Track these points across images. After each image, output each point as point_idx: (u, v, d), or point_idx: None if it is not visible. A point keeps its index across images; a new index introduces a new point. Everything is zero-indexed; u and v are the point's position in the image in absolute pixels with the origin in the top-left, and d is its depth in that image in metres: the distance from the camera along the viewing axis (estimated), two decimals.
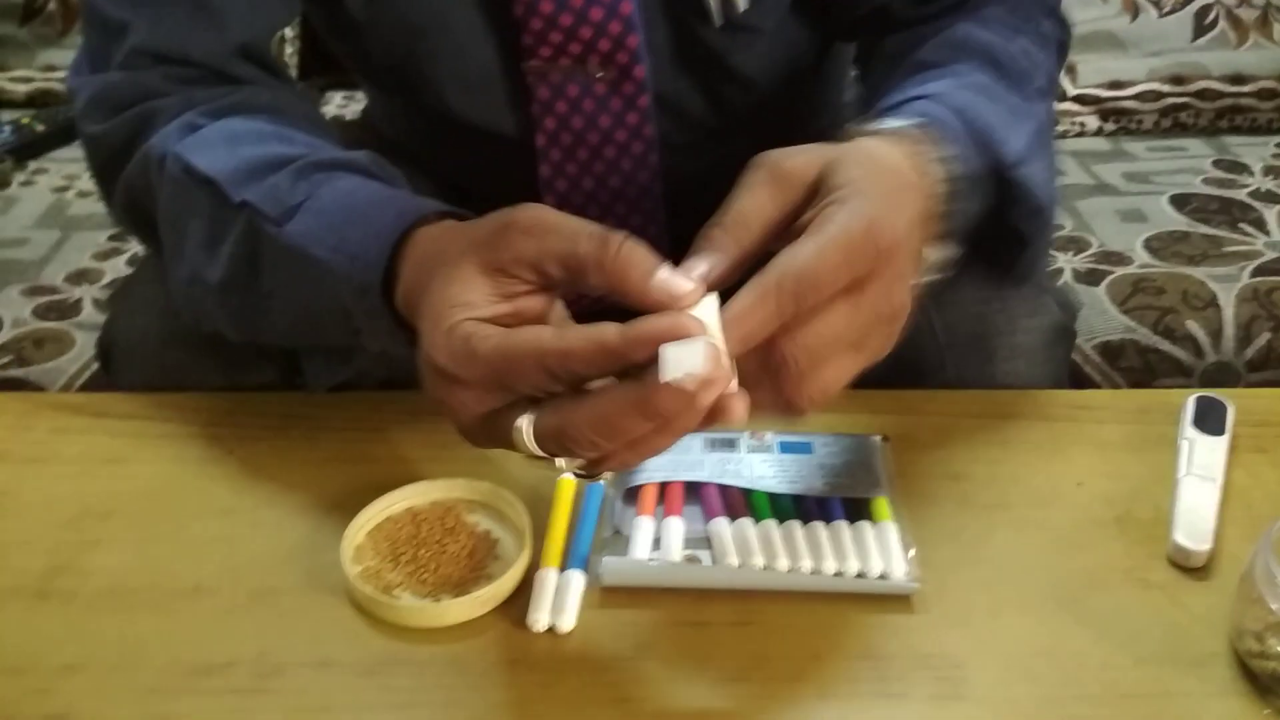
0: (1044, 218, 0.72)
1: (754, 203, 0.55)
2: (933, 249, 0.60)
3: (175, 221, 0.71)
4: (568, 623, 0.59)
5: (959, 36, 0.77)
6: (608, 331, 0.48)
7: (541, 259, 0.52)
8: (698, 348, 0.47)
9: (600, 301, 0.52)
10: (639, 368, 0.48)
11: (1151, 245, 1.33)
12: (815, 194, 0.54)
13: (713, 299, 0.50)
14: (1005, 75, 0.73)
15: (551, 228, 0.52)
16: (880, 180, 0.55)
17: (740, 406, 0.49)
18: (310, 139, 0.70)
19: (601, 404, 0.49)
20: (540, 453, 0.52)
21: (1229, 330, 1.20)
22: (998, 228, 0.70)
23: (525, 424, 0.51)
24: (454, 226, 0.59)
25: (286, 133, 0.71)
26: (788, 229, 0.54)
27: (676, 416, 0.48)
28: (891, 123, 0.64)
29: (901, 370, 0.78)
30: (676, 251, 0.94)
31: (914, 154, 0.61)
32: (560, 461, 0.53)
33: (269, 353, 0.76)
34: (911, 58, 0.76)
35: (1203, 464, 0.68)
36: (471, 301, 0.52)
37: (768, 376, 0.51)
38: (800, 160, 0.56)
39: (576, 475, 0.53)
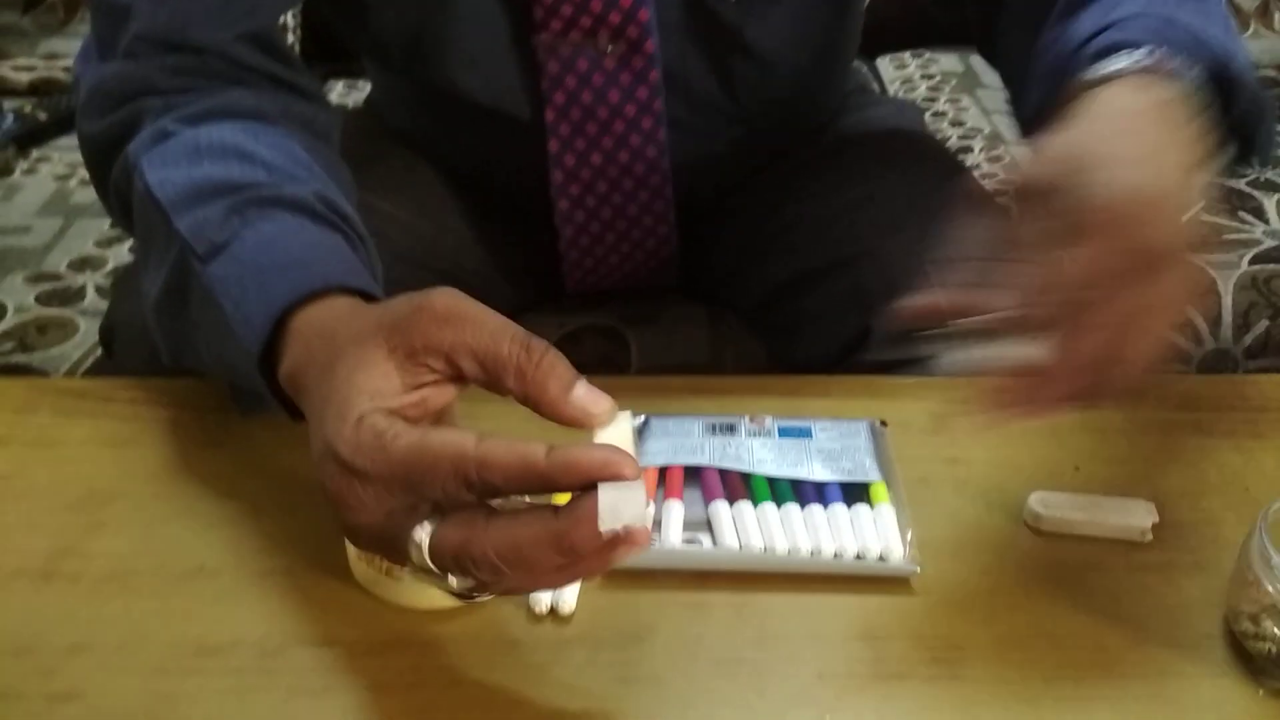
0: (1261, 101, 0.69)
1: (1033, 228, 0.55)
2: (1204, 170, 0.59)
3: (140, 235, 0.71)
4: (569, 604, 0.59)
5: None
6: (534, 451, 0.46)
7: (456, 351, 0.49)
8: (637, 495, 0.45)
9: None
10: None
11: None
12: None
13: (626, 418, 0.49)
14: None
15: (470, 319, 0.50)
16: (1139, 140, 0.56)
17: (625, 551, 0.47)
18: (275, 159, 0.68)
19: (515, 529, 0.47)
20: (431, 566, 0.48)
21: (1227, 318, 1.21)
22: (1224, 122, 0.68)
23: (424, 534, 0.48)
24: (353, 306, 0.57)
25: (250, 149, 0.68)
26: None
27: (591, 558, 0.46)
28: (1115, 64, 0.62)
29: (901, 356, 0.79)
30: (684, 236, 0.95)
31: (1149, 89, 0.60)
32: (451, 580, 0.49)
33: None
34: (1061, 5, 0.74)
35: None
36: (380, 390, 0.50)
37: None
38: (1034, 170, 0.57)
39: (457, 595, 0.51)
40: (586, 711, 0.55)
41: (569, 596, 0.59)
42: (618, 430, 0.49)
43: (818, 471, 0.66)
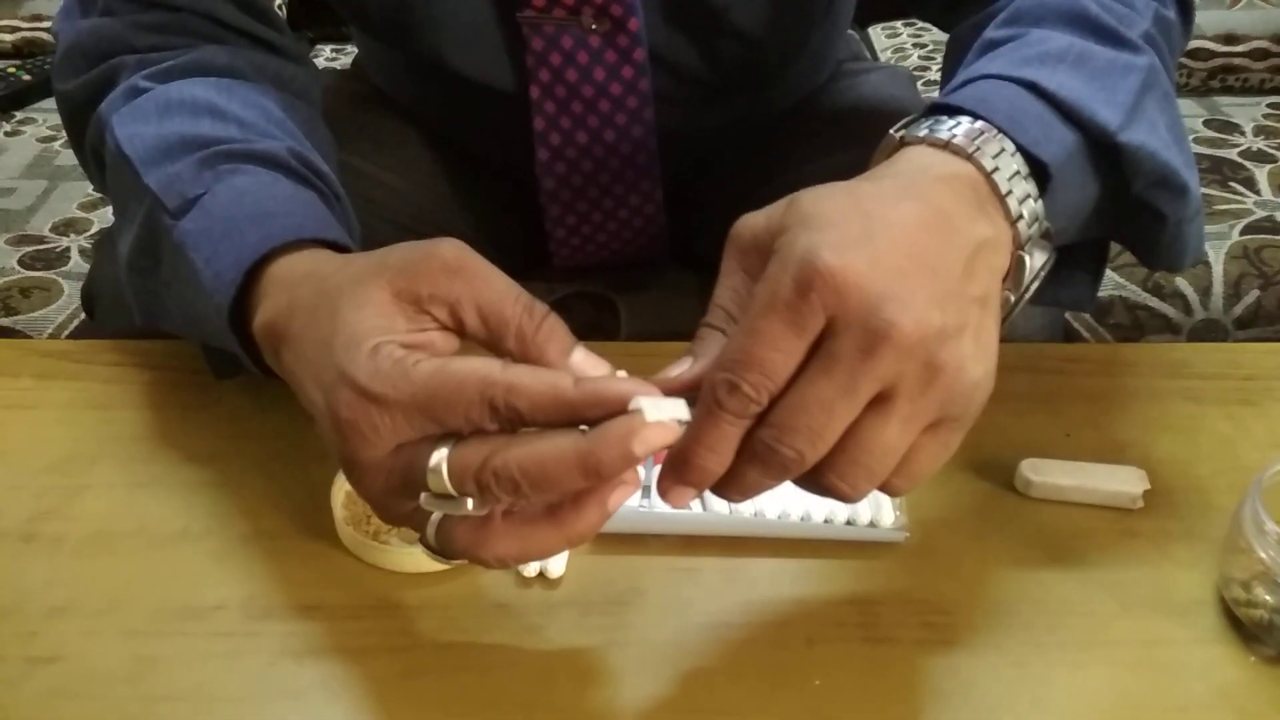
0: (1174, 186, 0.60)
1: (731, 289, 0.50)
2: (1031, 255, 0.53)
3: (112, 193, 0.70)
4: (558, 568, 0.59)
5: (1035, 1, 0.65)
6: (564, 380, 0.45)
7: (461, 304, 0.48)
8: (677, 401, 0.45)
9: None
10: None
11: None
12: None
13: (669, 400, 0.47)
14: (1094, 30, 0.62)
15: (479, 274, 0.48)
16: (857, 204, 0.48)
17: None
18: (246, 115, 0.67)
19: (541, 445, 0.45)
20: (449, 488, 0.46)
21: (1218, 288, 1.21)
22: (1129, 206, 0.61)
23: (441, 455, 0.46)
24: (328, 257, 0.56)
25: (221, 105, 0.67)
26: None
27: (610, 481, 0.45)
28: (940, 128, 0.54)
29: None
30: (671, 208, 0.94)
31: (968, 160, 0.52)
32: (468, 503, 0.46)
33: None
34: (983, 38, 0.65)
35: None
36: (387, 327, 0.48)
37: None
38: (760, 222, 0.50)
39: (430, 551, 0.49)
40: (575, 674, 0.54)
41: (558, 560, 0.59)
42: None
43: None
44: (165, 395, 0.72)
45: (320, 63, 1.79)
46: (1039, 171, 0.54)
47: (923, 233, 0.47)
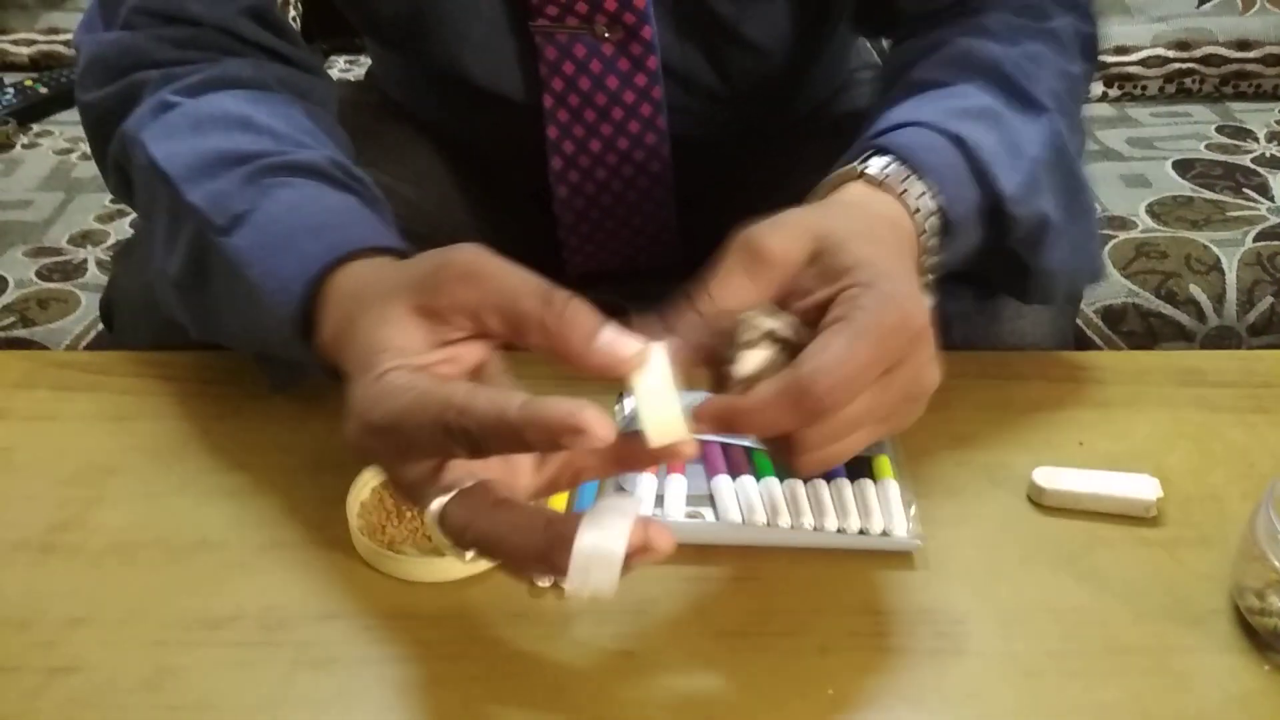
0: (1045, 244, 0.69)
1: (731, 287, 0.53)
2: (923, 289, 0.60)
3: (145, 209, 0.70)
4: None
5: (960, 51, 0.73)
6: (510, 401, 0.45)
7: (480, 309, 0.48)
8: (613, 553, 0.45)
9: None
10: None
11: (1154, 210, 1.33)
12: (815, 269, 0.53)
13: (660, 356, 0.48)
14: (1011, 91, 0.71)
15: (491, 276, 0.49)
16: (891, 251, 0.54)
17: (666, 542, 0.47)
18: (280, 127, 0.68)
19: (506, 533, 0.46)
20: (447, 541, 0.48)
21: (1231, 294, 1.20)
22: (1001, 254, 0.69)
23: (436, 507, 0.48)
24: (385, 264, 0.57)
25: (254, 119, 0.68)
26: (789, 304, 0.53)
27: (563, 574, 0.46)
28: (875, 165, 0.62)
29: None
30: (683, 215, 0.94)
31: (898, 199, 0.61)
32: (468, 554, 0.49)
33: None
34: (909, 75, 0.73)
35: None
36: (404, 348, 0.49)
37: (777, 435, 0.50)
38: (785, 239, 0.53)
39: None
40: (589, 683, 0.54)
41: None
42: (654, 377, 0.47)
43: None
44: (183, 407, 0.73)
45: (334, 74, 1.79)
46: (944, 221, 0.63)
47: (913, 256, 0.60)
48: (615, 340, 0.47)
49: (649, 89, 0.85)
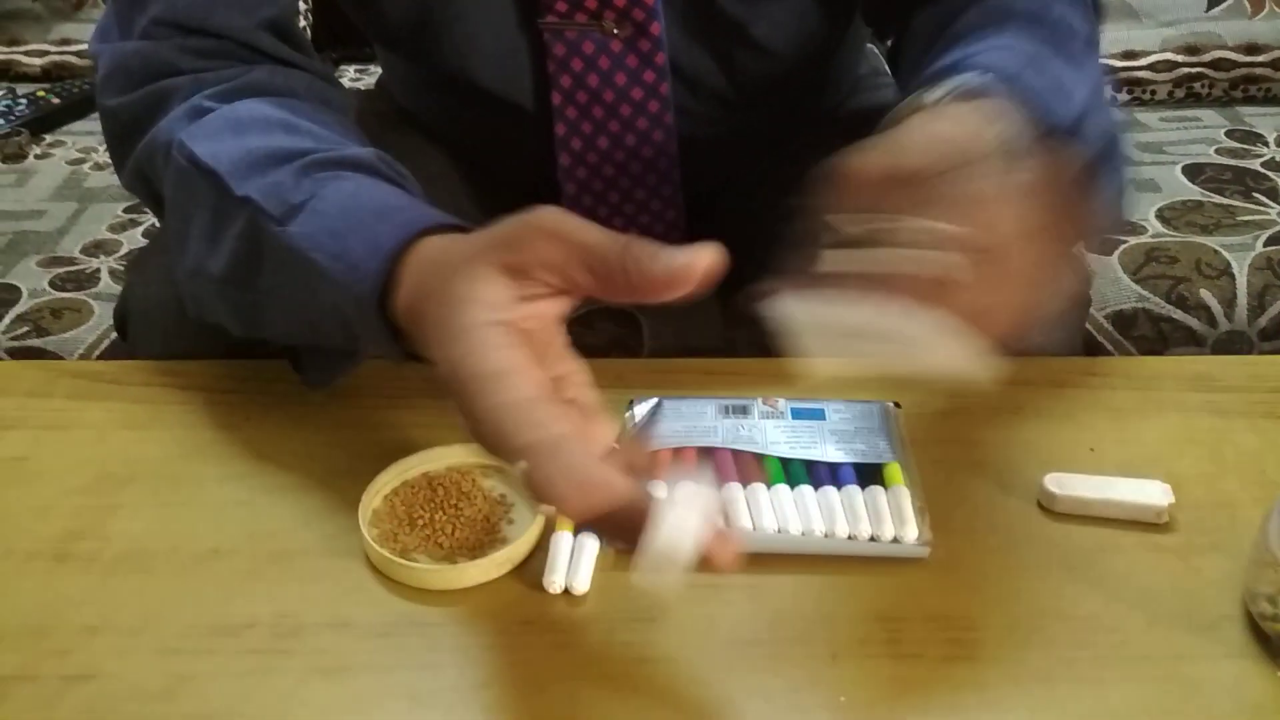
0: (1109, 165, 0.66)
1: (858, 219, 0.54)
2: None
3: (180, 210, 0.70)
4: (583, 584, 0.59)
5: (995, 3, 0.72)
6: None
7: (567, 264, 0.51)
8: (691, 525, 0.49)
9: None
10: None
11: (1164, 215, 1.33)
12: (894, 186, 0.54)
13: (701, 492, 0.50)
14: (1051, 39, 0.68)
15: (574, 231, 0.51)
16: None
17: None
18: (318, 130, 0.69)
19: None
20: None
21: (1242, 299, 1.20)
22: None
23: (519, 469, 0.50)
24: (458, 237, 0.58)
25: (294, 121, 0.69)
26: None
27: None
28: (932, 95, 0.61)
29: None
30: (691, 211, 0.94)
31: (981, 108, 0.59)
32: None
33: None
34: (949, 30, 0.73)
35: None
36: (493, 301, 0.51)
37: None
38: (864, 158, 0.55)
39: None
40: (600, 690, 0.54)
41: (583, 576, 0.59)
42: (687, 510, 0.49)
43: (831, 453, 0.66)
44: (196, 416, 0.73)
45: (344, 83, 1.80)
46: None
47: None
48: (680, 256, 0.50)
49: (657, 85, 0.85)
